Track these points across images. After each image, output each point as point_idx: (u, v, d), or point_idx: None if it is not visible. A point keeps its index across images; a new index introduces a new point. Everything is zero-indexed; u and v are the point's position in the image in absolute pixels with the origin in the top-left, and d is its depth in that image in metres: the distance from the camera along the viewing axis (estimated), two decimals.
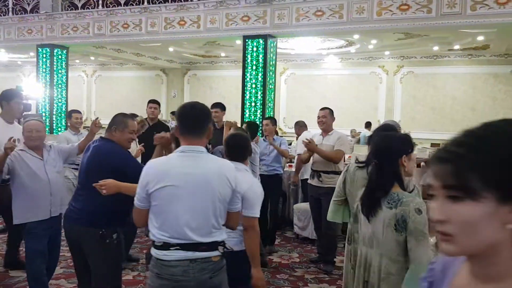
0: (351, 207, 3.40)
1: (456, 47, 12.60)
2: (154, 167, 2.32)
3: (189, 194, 2.24)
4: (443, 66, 14.14)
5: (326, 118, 5.35)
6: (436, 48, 12.91)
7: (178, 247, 2.22)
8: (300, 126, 7.17)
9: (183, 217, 2.23)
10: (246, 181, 2.80)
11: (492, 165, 0.86)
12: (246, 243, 2.77)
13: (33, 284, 3.74)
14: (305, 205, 6.11)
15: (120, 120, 3.29)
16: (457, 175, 0.88)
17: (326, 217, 5.08)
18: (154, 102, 6.34)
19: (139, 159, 4.60)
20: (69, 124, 6.30)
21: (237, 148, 3.06)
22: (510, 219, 0.86)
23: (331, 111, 5.46)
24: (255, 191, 2.86)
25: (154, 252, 2.28)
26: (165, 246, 2.23)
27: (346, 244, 3.39)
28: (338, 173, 5.13)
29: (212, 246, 2.29)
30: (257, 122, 8.25)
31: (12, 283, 4.53)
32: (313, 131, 7.08)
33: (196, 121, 2.35)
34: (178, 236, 2.23)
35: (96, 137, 3.93)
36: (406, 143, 2.52)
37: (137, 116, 5.62)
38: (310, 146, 5.12)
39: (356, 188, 3.30)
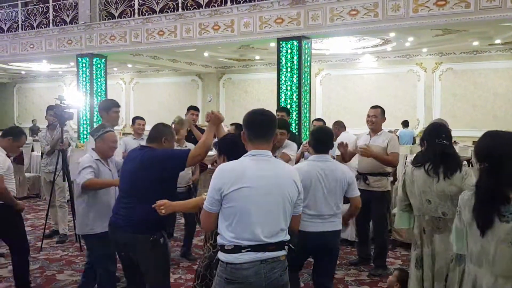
0: (414, 208, 3.32)
1: (497, 41, 12.22)
2: (228, 169, 2.36)
3: (263, 195, 2.30)
4: (483, 62, 13.76)
5: (377, 118, 5.05)
6: (476, 43, 12.56)
7: (249, 249, 2.27)
8: (340, 127, 6.99)
9: (257, 219, 2.29)
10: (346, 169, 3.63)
11: None
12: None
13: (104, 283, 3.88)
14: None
15: (169, 131, 3.46)
16: None
17: (377, 223, 5.04)
18: (195, 109, 6.45)
19: None
20: (132, 129, 6.69)
21: (323, 141, 3.59)
22: None
23: (383, 111, 5.13)
24: (351, 175, 3.63)
25: (223, 256, 2.31)
26: (236, 249, 2.28)
27: (412, 249, 3.32)
28: (385, 174, 4.99)
29: (280, 245, 2.36)
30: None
31: (58, 286, 4.66)
32: (351, 131, 6.99)
33: (266, 128, 2.43)
34: (249, 238, 2.28)
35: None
36: None
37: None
38: (368, 153, 4.82)
39: (417, 187, 3.24)
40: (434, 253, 3.17)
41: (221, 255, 2.33)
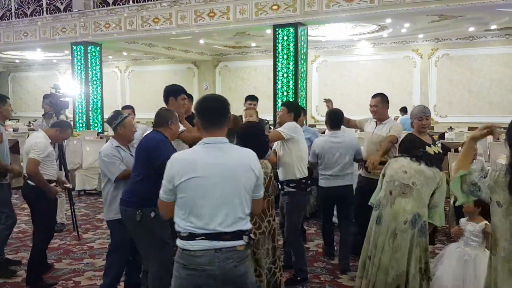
0: (387, 176, 3.64)
1: (493, 27, 12.21)
2: (179, 159, 2.34)
3: (216, 184, 2.27)
4: (479, 47, 13.74)
5: (378, 106, 4.87)
6: (471, 29, 12.54)
7: (203, 237, 2.25)
8: None
9: (210, 208, 2.26)
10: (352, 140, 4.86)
11: None
12: None
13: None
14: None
15: (173, 115, 3.58)
16: None
17: None
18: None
19: None
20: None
21: (336, 120, 4.81)
22: None
23: (383, 98, 4.94)
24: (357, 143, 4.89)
25: (180, 242, 2.31)
26: (191, 236, 2.26)
27: (374, 210, 3.65)
28: (385, 163, 4.92)
29: (237, 235, 2.31)
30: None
31: (57, 275, 4.68)
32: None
33: (218, 114, 2.38)
34: (203, 226, 2.25)
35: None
36: None
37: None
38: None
39: (397, 164, 3.60)
40: (393, 212, 3.47)
41: (178, 241, 2.32)
